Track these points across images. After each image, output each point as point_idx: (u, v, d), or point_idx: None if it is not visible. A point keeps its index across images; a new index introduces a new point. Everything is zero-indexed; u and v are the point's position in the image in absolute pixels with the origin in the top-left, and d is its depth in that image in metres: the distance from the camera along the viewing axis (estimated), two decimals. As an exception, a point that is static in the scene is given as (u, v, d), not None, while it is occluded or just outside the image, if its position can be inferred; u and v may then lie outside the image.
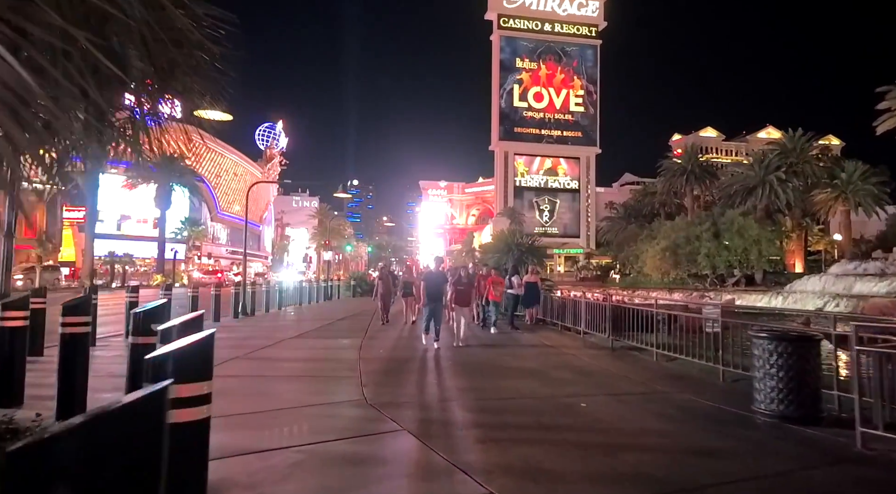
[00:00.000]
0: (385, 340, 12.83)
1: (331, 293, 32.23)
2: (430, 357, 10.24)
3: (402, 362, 9.96)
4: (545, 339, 13.04)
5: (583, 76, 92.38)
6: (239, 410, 6.41)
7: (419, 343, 12.01)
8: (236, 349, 11.53)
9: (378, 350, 11.27)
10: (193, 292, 16.19)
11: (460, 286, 11.02)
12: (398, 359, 10.26)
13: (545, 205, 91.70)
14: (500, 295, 13.61)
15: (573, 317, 14.27)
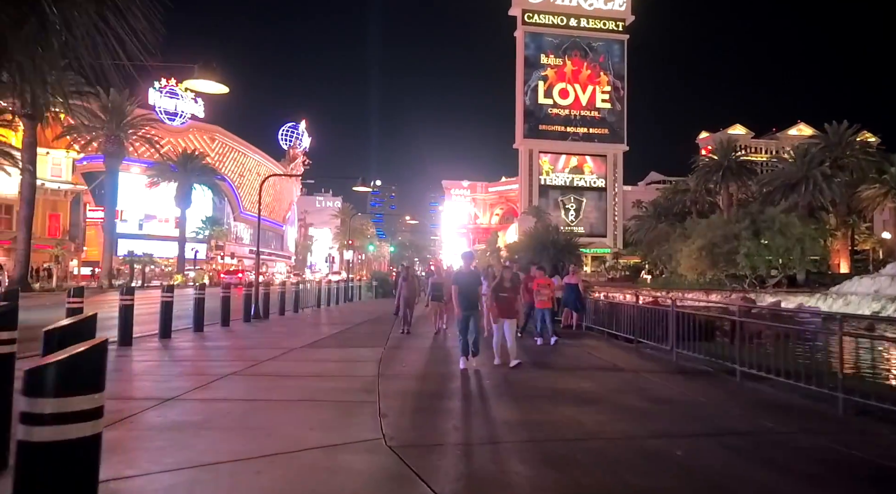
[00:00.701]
0: (409, 352, 11.08)
1: (351, 294, 30.65)
2: (464, 376, 8.41)
3: (429, 382, 8.20)
4: (594, 351, 11.17)
5: (609, 72, 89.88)
6: (211, 457, 4.73)
7: (449, 357, 10.25)
8: (236, 361, 9.89)
9: (401, 364, 9.51)
10: (199, 294, 14.63)
11: (503, 292, 8.72)
12: (424, 378, 8.50)
13: (571, 203, 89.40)
14: (550, 300, 11.48)
15: (621, 324, 12.38)
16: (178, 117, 72.38)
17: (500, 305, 8.71)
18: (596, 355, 10.64)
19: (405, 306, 13.87)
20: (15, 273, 32.40)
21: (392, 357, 10.35)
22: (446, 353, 10.94)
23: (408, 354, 10.73)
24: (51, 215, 55.00)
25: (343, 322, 18.00)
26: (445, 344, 12.06)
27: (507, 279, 8.90)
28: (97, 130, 39.29)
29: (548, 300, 11.31)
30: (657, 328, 10.68)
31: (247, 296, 17.74)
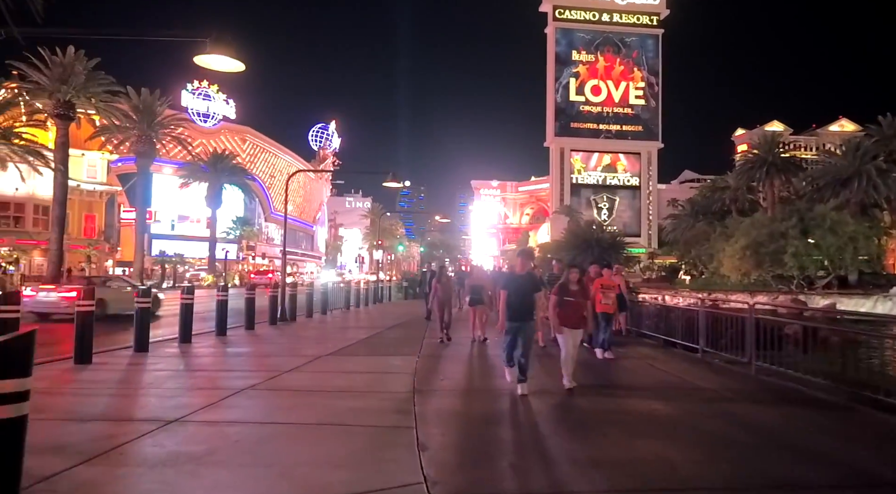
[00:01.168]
0: (446, 363, 9.92)
1: (381, 295, 29.67)
2: (516, 398, 7.04)
3: (473, 401, 7.04)
4: (655, 362, 9.86)
5: (643, 67, 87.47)
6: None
7: (493, 369, 9.07)
8: (256, 372, 8.89)
9: (439, 378, 8.36)
10: (222, 296, 13.75)
11: (569, 295, 7.12)
12: (467, 396, 7.35)
13: (603, 202, 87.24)
14: (613, 303, 10.07)
15: (678, 329, 11.04)
16: (210, 119, 72.72)
17: (565, 312, 7.15)
18: (659, 367, 9.34)
19: (440, 310, 12.27)
20: (48, 273, 32.30)
21: (428, 368, 9.23)
22: (489, 365, 9.75)
23: (445, 365, 9.59)
24: (86, 216, 55.53)
25: (372, 325, 16.98)
26: (486, 353, 10.87)
27: (573, 281, 7.33)
28: (128, 130, 39.17)
29: (612, 304, 9.89)
30: (728, 336, 9.35)
31: (272, 298, 16.85)
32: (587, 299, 7.57)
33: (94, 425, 5.71)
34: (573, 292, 7.28)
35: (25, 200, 47.41)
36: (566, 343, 7.29)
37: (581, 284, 7.43)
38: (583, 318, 7.34)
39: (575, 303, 7.27)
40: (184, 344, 11.90)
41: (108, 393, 7.33)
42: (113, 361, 9.67)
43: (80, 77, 31.42)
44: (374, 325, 16.90)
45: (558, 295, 7.23)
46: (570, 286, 7.29)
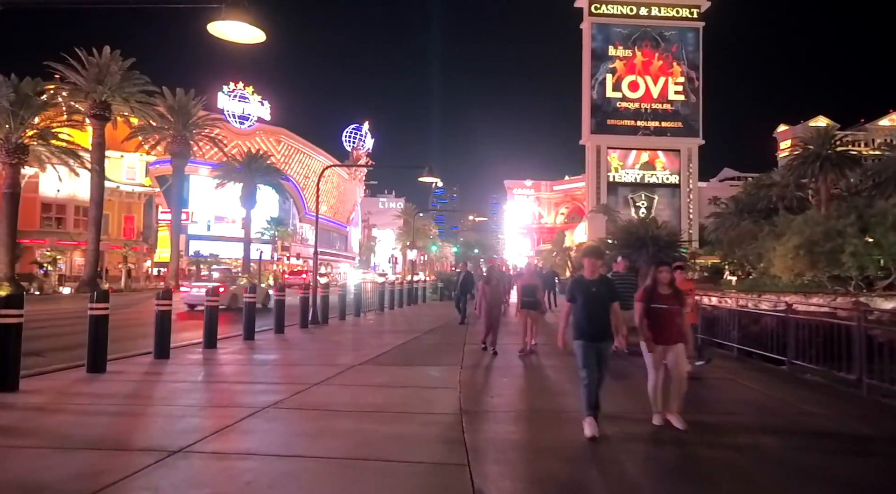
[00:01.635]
0: (495, 375, 8.75)
1: (415, 296, 28.58)
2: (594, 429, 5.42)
3: (537, 427, 5.86)
4: (738, 378, 8.46)
5: (683, 62, 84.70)
6: None
7: (553, 384, 7.90)
8: (281, 385, 7.88)
9: (489, 396, 7.20)
10: (249, 297, 12.87)
11: (658, 303, 5.57)
12: (529, 420, 6.17)
13: (642, 201, 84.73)
14: (693, 311, 8.14)
15: (760, 339, 9.64)
16: (245, 120, 73.04)
17: (656, 324, 5.58)
18: (745, 384, 7.97)
19: (487, 318, 10.40)
20: (85, 273, 32.34)
21: (473, 382, 8.08)
22: (545, 378, 8.54)
23: (494, 379, 8.43)
24: (126, 217, 56.14)
25: (408, 329, 15.92)
26: (540, 364, 9.63)
27: (663, 282, 5.68)
28: (164, 131, 39.13)
29: (693, 311, 8.42)
30: (821, 347, 7.96)
31: (304, 300, 15.94)
32: (683, 306, 5.78)
33: (82, 456, 4.74)
34: (665, 297, 5.64)
35: (66, 202, 48.05)
36: (655, 365, 5.66)
37: (674, 287, 5.77)
38: (680, 331, 5.64)
39: (668, 312, 5.60)
40: (208, 349, 11.05)
41: (110, 410, 6.39)
42: (130, 369, 8.80)
43: (115, 77, 31.34)
44: (411, 329, 15.84)
45: (644, 302, 5.67)
46: (659, 289, 5.69)
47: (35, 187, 46.75)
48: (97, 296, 8.93)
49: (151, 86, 33.82)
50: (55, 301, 26.75)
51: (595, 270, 5.56)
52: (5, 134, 27.23)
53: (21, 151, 27.77)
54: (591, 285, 5.44)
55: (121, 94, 31.76)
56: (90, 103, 31.24)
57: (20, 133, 27.28)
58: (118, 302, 26.88)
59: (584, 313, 5.36)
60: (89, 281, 31.28)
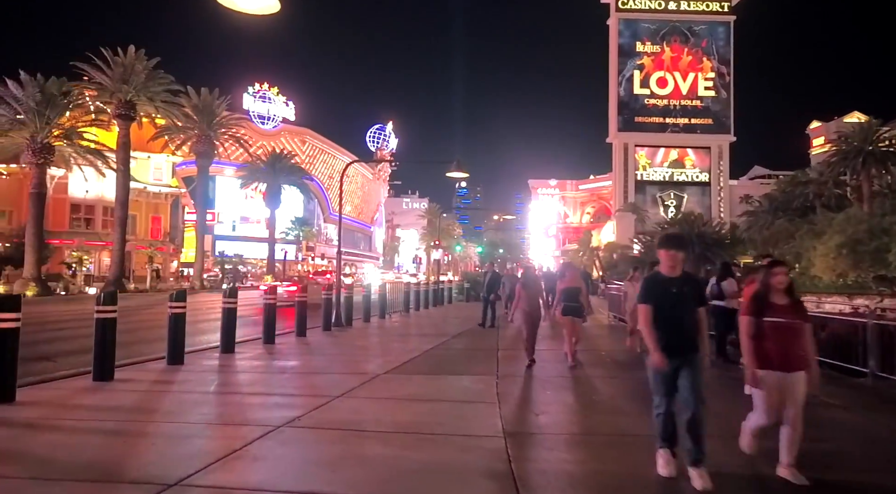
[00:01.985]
0: (537, 387, 7.86)
1: (441, 297, 27.75)
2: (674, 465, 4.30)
3: (595, 453, 4.96)
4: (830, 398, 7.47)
5: (713, 57, 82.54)
6: None
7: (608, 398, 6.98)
8: (299, 397, 7.11)
9: (533, 413, 6.33)
10: (268, 298, 12.17)
11: (774, 315, 4.12)
12: (584, 445, 5.27)
13: (671, 200, 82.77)
14: None
15: (832, 348, 8.57)
16: (270, 121, 73.14)
17: (769, 344, 4.14)
18: (831, 403, 6.94)
19: (527, 323, 9.09)
20: (111, 273, 32.24)
21: (513, 394, 7.21)
22: (594, 391, 7.59)
23: (536, 391, 7.54)
24: (153, 217, 56.45)
25: (435, 332, 15.10)
26: (585, 375, 8.68)
27: (778, 287, 4.22)
28: (189, 131, 38.97)
29: None
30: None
31: (327, 301, 15.22)
32: (808, 320, 4.26)
33: (61, 490, 4.00)
34: (782, 309, 4.16)
35: (95, 202, 48.37)
36: (769, 402, 4.18)
37: (793, 294, 4.26)
38: (803, 354, 4.16)
39: (788, 329, 4.12)
40: (225, 353, 10.37)
41: (104, 428, 5.67)
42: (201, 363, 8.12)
43: (140, 76, 31.16)
44: (438, 332, 15.01)
45: (754, 315, 4.20)
46: (774, 298, 4.21)
47: (64, 188, 47.17)
48: (104, 298, 8.27)
49: (176, 85, 33.64)
50: (80, 301, 26.59)
51: (677, 265, 4.23)
52: (31, 133, 27.17)
53: (47, 151, 27.70)
54: (672, 284, 4.18)
55: (146, 94, 31.58)
56: (115, 103, 31.11)
57: (46, 133, 27.20)
58: (142, 302, 26.63)
59: (662, 320, 4.14)
60: (115, 281, 31.13)
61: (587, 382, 8.08)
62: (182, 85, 34.98)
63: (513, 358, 10.10)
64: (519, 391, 7.49)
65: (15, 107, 27.05)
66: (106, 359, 8.06)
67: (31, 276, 27.27)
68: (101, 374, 7.93)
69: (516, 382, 8.06)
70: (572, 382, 8.10)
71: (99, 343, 8.04)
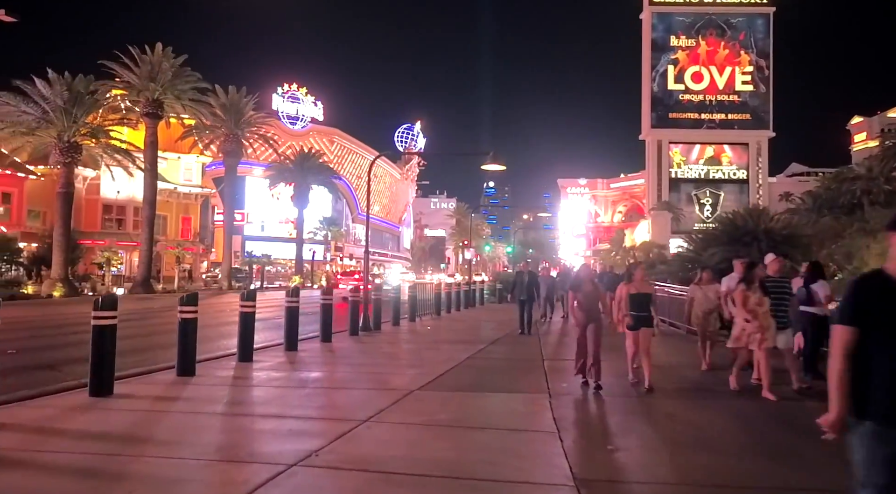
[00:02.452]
0: (604, 410, 6.60)
1: (472, 298, 26.46)
2: None
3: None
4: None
5: (751, 50, 79.59)
6: None
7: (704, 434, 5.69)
8: (318, 421, 5.98)
9: (609, 445, 5.08)
10: (291, 301, 11.13)
11: None
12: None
13: (706, 198, 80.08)
14: None
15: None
16: (299, 121, 72.91)
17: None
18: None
19: (594, 338, 7.31)
20: (138, 273, 31.87)
21: (576, 421, 5.97)
22: (674, 419, 6.28)
23: (602, 417, 6.28)
24: (183, 218, 56.47)
25: (471, 338, 13.91)
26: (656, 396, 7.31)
27: None
28: (217, 130, 38.50)
29: None
30: None
31: (354, 304, 14.16)
32: None
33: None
34: None
35: (126, 203, 48.42)
36: None
37: None
38: None
39: None
40: (243, 362, 9.37)
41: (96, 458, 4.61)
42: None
43: (167, 74, 30.65)
44: (474, 338, 13.82)
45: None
46: None
47: (97, 189, 47.30)
48: (102, 303, 7.29)
49: (203, 83, 33.14)
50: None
51: None
52: (58, 132, 26.87)
53: (74, 150, 27.38)
54: None
55: (173, 92, 31.09)
56: (143, 101, 30.71)
57: (73, 132, 26.87)
58: (167, 303, 26.02)
59: (888, 358, 2.33)
60: (142, 281, 30.74)
61: (660, 406, 6.78)
62: (210, 84, 34.53)
63: (562, 371, 8.85)
64: (582, 415, 6.25)
65: (42, 106, 26.78)
66: (104, 372, 7.09)
67: (58, 277, 26.96)
68: (97, 389, 6.96)
69: (574, 404, 6.81)
70: (642, 405, 6.80)
71: (95, 353, 7.08)
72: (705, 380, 8.20)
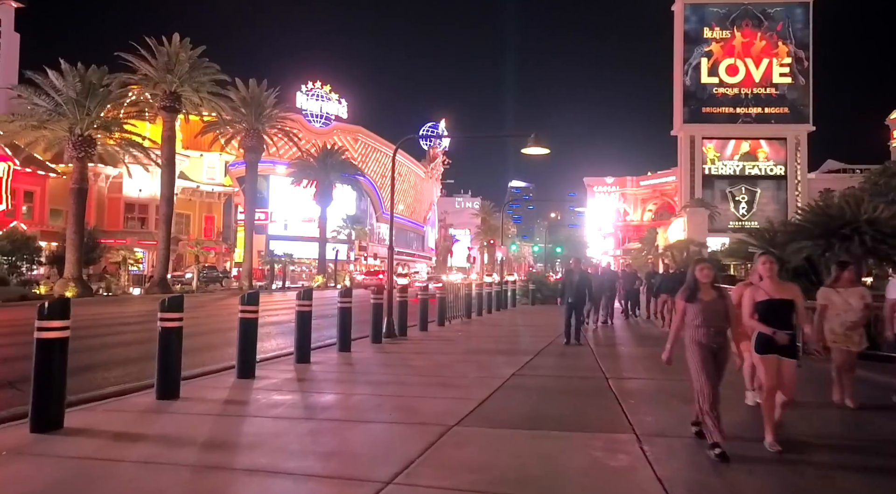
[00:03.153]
0: (726, 468, 4.62)
1: (504, 299, 24.46)
2: None
3: None
4: None
5: (790, 41, 76.18)
6: None
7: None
8: (322, 481, 4.15)
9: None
10: (303, 305, 9.38)
11: None
12: None
13: (742, 195, 76.89)
14: None
15: None
16: (322, 119, 71.75)
17: None
18: None
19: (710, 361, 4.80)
20: (156, 272, 30.61)
21: (689, 484, 4.05)
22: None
23: (728, 480, 4.32)
24: (206, 217, 55.59)
25: (511, 347, 12.02)
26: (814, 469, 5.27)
27: None
28: (237, 125, 37.11)
29: None
30: None
31: (376, 307, 12.39)
32: None
33: None
34: None
35: (149, 202, 47.59)
36: None
37: None
38: None
39: None
40: (243, 379, 7.66)
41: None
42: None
43: (184, 65, 29.27)
44: (515, 347, 11.93)
45: None
46: None
47: (119, 187, 46.53)
48: (49, 311, 5.57)
49: (222, 75, 31.71)
50: (120, 303, 24.85)
51: None
52: (70, 125, 25.67)
53: (88, 144, 26.16)
54: None
55: (190, 84, 29.72)
56: (160, 94, 29.43)
57: (86, 124, 25.64)
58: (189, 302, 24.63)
59: None
60: (160, 281, 29.47)
61: (821, 477, 4.78)
62: (229, 76, 33.06)
63: (636, 395, 6.92)
64: (695, 475, 4.31)
65: (55, 99, 25.63)
66: (51, 401, 5.41)
67: (71, 276, 25.75)
68: (40, 422, 5.29)
69: (679, 452, 4.87)
70: (786, 466, 4.82)
71: (39, 376, 5.40)
72: (867, 428, 6.02)
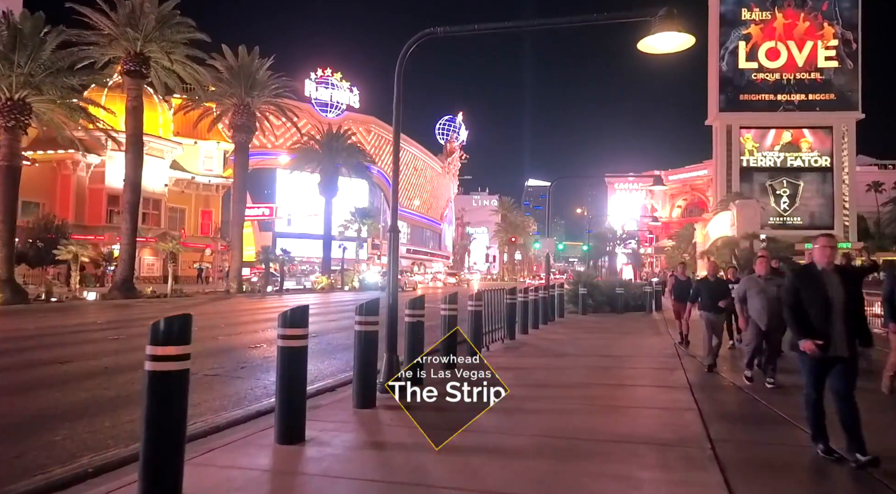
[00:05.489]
0: None
1: (551, 309, 17.84)
2: None
3: None
4: None
5: (836, 22, 68.74)
6: None
7: None
8: None
9: None
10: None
11: None
12: None
13: (783, 188, 69.61)
14: None
15: None
16: (333, 109, 65.78)
17: None
18: None
19: None
20: (119, 273, 24.71)
21: None
22: None
23: None
24: (203, 212, 49.81)
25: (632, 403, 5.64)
26: None
27: None
28: (224, 99, 31.12)
29: None
30: None
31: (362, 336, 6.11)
32: None
33: None
34: None
35: (137, 194, 41.90)
36: None
37: None
38: None
39: None
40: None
41: None
42: None
43: (149, 19, 23.27)
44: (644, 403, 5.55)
45: None
46: None
47: (101, 177, 40.88)
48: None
49: (201, 34, 25.63)
50: (61, 312, 18.88)
51: None
52: (-5, 86, 19.80)
53: (20, 111, 20.35)
54: None
55: (159, 43, 23.80)
56: (123, 55, 23.60)
57: (13, 84, 19.85)
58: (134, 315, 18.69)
59: None
60: (122, 283, 23.63)
61: None
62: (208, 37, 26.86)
63: None
64: None
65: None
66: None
67: (-1, 277, 19.84)
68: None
69: None
70: None
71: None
72: None
